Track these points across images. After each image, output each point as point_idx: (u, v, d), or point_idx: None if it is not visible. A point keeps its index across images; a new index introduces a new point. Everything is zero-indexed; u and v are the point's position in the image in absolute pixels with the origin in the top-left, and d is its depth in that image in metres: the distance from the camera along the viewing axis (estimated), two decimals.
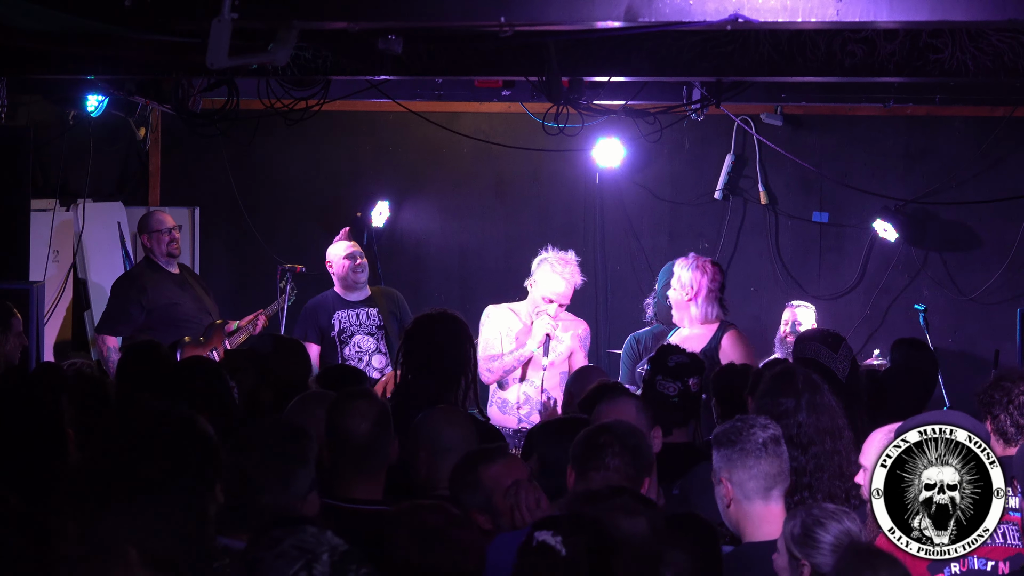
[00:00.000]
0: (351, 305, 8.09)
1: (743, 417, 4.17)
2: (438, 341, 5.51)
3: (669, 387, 5.35)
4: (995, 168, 9.83)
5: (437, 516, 3.42)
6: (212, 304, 8.28)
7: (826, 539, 3.56)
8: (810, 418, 4.50)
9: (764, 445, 4.04)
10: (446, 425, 4.63)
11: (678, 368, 5.39)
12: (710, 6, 5.27)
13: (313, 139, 9.96)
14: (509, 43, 6.42)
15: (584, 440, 4.22)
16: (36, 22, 5.80)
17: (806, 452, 4.44)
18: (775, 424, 4.16)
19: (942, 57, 6.51)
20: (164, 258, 8.12)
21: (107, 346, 7.91)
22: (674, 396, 5.34)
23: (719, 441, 4.09)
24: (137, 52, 6.49)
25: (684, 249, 10.00)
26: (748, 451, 4.02)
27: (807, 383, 4.61)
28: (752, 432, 4.05)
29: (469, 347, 5.56)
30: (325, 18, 5.69)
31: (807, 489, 4.39)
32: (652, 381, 5.41)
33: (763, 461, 4.02)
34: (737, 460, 4.03)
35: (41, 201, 8.62)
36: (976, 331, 9.81)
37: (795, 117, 9.95)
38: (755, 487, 4.01)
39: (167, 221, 8.25)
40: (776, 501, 4.04)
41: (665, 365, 5.41)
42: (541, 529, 3.10)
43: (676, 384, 5.35)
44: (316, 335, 8.01)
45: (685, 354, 5.51)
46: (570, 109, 7.45)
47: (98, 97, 8.34)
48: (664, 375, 5.38)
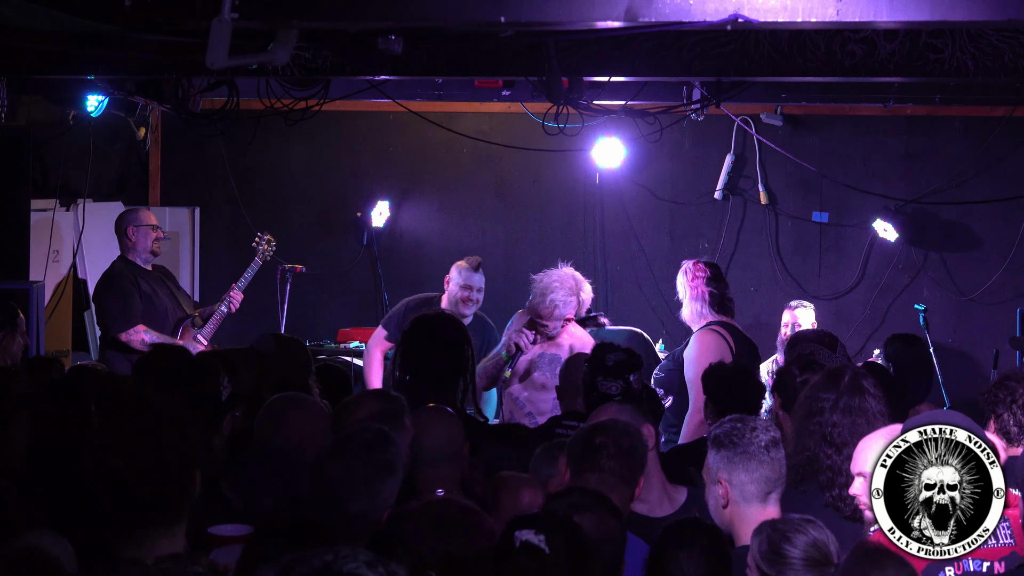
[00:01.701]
0: None
1: (741, 417, 4.14)
2: (435, 342, 5.51)
3: (611, 386, 5.35)
4: (995, 168, 9.84)
5: (452, 507, 3.43)
6: (187, 301, 8.17)
7: (795, 554, 3.51)
8: (845, 419, 4.47)
9: (766, 448, 4.01)
10: (428, 427, 4.63)
11: (617, 366, 5.39)
12: (710, 6, 5.27)
13: (313, 139, 9.96)
14: (509, 43, 6.43)
15: (580, 440, 4.23)
16: (36, 22, 5.80)
17: (840, 452, 4.42)
18: (774, 427, 4.14)
19: (942, 57, 6.51)
20: (145, 254, 7.93)
21: (140, 338, 7.75)
22: (616, 395, 5.34)
23: (718, 442, 4.06)
24: (137, 52, 6.49)
25: (684, 249, 10.05)
26: (751, 454, 3.99)
27: (851, 386, 4.57)
28: (754, 435, 4.02)
29: (467, 348, 5.55)
30: (325, 18, 5.68)
31: (843, 488, 4.38)
32: (593, 382, 5.40)
33: (765, 465, 4.00)
34: (739, 462, 3.99)
35: (41, 201, 8.63)
36: (976, 331, 9.81)
37: (795, 117, 9.95)
38: (755, 490, 3.99)
39: (154, 219, 8.15)
40: (773, 504, 4.02)
41: (604, 364, 5.41)
42: (521, 528, 3.11)
43: (618, 382, 5.35)
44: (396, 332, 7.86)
45: (623, 351, 5.50)
46: (570, 109, 7.44)
47: (98, 97, 8.33)
48: (604, 375, 5.38)
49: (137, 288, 7.83)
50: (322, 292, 9.82)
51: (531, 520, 3.17)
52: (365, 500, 3.51)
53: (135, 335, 7.69)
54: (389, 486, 3.57)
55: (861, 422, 4.50)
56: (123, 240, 7.99)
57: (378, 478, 3.55)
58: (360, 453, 3.56)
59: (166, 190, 10.18)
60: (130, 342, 7.66)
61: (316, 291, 8.33)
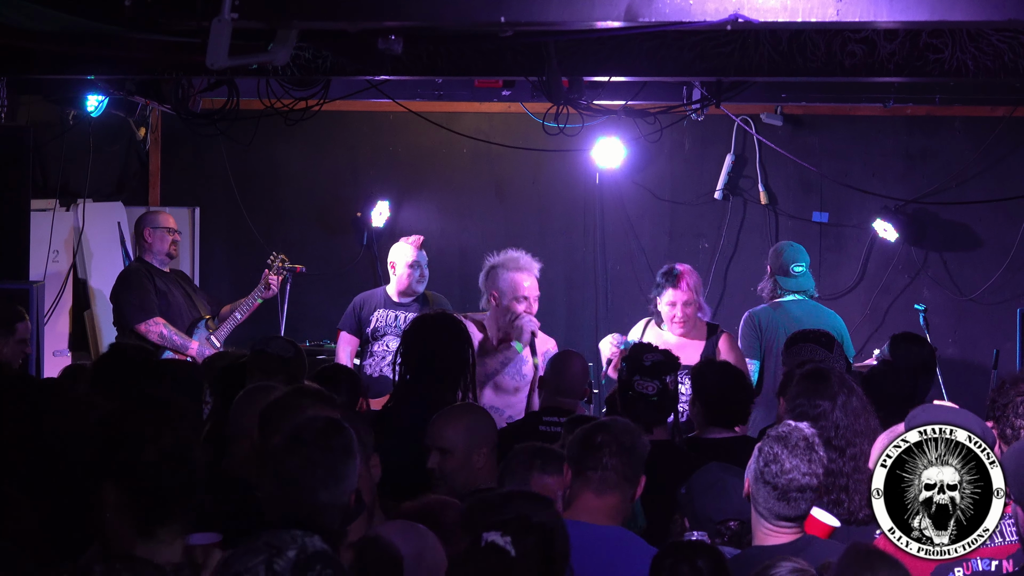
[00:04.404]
0: (396, 306, 8.06)
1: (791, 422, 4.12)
2: (436, 343, 5.52)
3: (648, 386, 5.36)
4: (995, 168, 9.83)
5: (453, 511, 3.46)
6: (202, 303, 8.27)
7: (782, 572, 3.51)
8: (847, 420, 4.48)
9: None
10: (450, 424, 4.67)
11: (655, 367, 5.39)
12: (710, 6, 5.27)
13: (313, 139, 9.96)
14: (509, 43, 6.43)
15: (581, 440, 4.23)
16: (36, 22, 5.80)
17: (843, 455, 4.42)
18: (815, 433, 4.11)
19: (942, 57, 6.51)
20: (161, 256, 8.11)
21: (159, 331, 7.80)
22: (653, 395, 5.34)
23: None
24: (137, 52, 6.48)
25: (684, 249, 10.06)
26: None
27: (842, 384, 4.58)
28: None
29: (467, 348, 5.56)
30: (325, 18, 5.69)
31: (844, 491, 4.38)
32: (630, 381, 5.40)
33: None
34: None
35: (41, 201, 8.62)
36: (976, 331, 9.81)
37: (795, 117, 9.94)
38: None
39: (173, 222, 8.27)
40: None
41: (642, 365, 5.41)
42: (489, 530, 3.10)
43: (654, 383, 5.36)
44: (355, 329, 8.02)
45: (660, 352, 5.51)
46: (570, 109, 7.44)
47: (98, 97, 8.33)
48: (642, 375, 5.38)
49: (153, 285, 7.94)
50: (322, 292, 9.81)
51: (501, 522, 3.14)
52: (332, 487, 3.54)
53: (154, 327, 7.83)
54: (352, 469, 3.60)
55: (861, 420, 4.51)
56: (140, 241, 8.18)
57: (341, 462, 3.57)
58: (317, 442, 3.58)
59: (166, 190, 10.18)
60: (148, 333, 7.78)
61: (316, 291, 8.33)
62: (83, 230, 9.00)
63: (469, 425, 4.75)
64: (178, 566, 3.07)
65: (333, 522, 3.49)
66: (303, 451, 3.56)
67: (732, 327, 7.71)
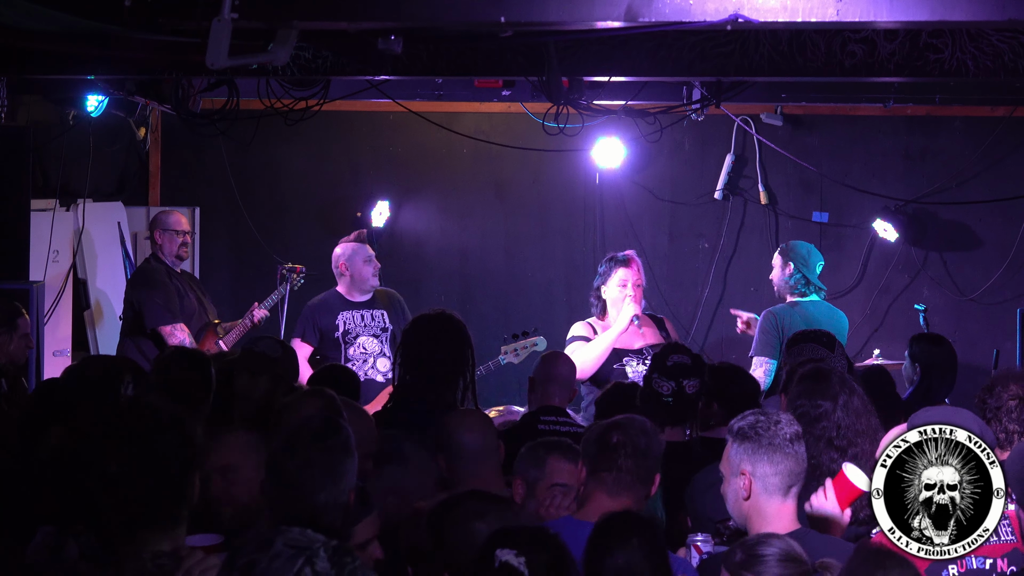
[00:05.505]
0: (356, 306, 8.05)
1: (763, 411, 4.10)
2: (436, 342, 5.51)
3: (663, 386, 5.34)
4: (995, 168, 9.83)
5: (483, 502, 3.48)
6: (210, 307, 8.30)
7: (771, 552, 3.49)
8: (848, 419, 4.47)
9: (791, 441, 3.96)
10: (464, 430, 4.66)
11: (675, 368, 5.37)
12: (710, 6, 5.28)
13: (313, 139, 9.95)
14: (509, 43, 6.43)
15: (596, 440, 4.22)
16: (36, 22, 5.80)
17: (845, 454, 4.41)
18: (796, 421, 4.11)
19: (942, 57, 6.51)
20: (171, 258, 8.14)
21: (181, 337, 7.77)
22: (667, 396, 5.32)
23: (742, 435, 3.98)
24: (137, 52, 6.48)
25: (684, 249, 10.06)
26: (777, 446, 3.93)
27: (842, 384, 4.57)
28: (779, 427, 3.97)
29: (467, 348, 5.55)
30: (325, 18, 5.69)
31: None
32: (649, 377, 5.40)
33: (789, 458, 3.94)
34: (764, 454, 3.93)
35: (41, 201, 8.62)
36: (976, 331, 9.80)
37: (795, 117, 9.94)
38: (778, 483, 3.93)
39: (184, 224, 8.27)
40: (792, 499, 3.98)
41: (664, 364, 5.40)
42: (502, 547, 3.06)
43: (671, 384, 5.34)
44: (315, 336, 7.99)
45: (688, 354, 5.48)
46: (570, 109, 7.45)
47: (98, 97, 8.33)
48: (660, 373, 5.37)
49: (174, 286, 7.96)
50: (322, 292, 9.80)
51: (514, 538, 3.09)
52: (331, 487, 3.54)
53: (179, 332, 7.82)
54: (350, 468, 3.60)
55: (862, 420, 4.51)
56: (152, 242, 8.20)
57: (339, 462, 3.57)
58: (315, 442, 3.58)
59: (166, 190, 10.17)
60: (170, 337, 7.74)
61: (316, 291, 8.33)
62: (83, 230, 9.00)
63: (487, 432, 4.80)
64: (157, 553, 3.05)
65: (334, 521, 3.49)
66: (301, 452, 3.57)
67: (731, 327, 7.72)
